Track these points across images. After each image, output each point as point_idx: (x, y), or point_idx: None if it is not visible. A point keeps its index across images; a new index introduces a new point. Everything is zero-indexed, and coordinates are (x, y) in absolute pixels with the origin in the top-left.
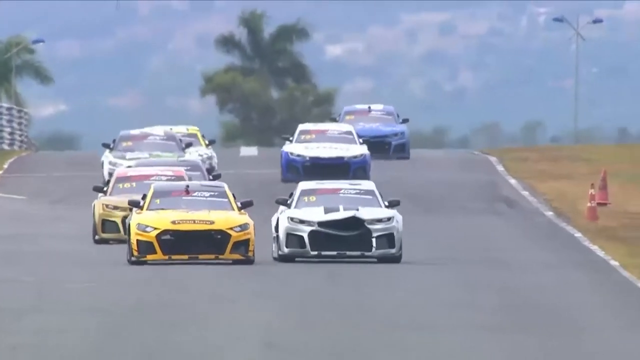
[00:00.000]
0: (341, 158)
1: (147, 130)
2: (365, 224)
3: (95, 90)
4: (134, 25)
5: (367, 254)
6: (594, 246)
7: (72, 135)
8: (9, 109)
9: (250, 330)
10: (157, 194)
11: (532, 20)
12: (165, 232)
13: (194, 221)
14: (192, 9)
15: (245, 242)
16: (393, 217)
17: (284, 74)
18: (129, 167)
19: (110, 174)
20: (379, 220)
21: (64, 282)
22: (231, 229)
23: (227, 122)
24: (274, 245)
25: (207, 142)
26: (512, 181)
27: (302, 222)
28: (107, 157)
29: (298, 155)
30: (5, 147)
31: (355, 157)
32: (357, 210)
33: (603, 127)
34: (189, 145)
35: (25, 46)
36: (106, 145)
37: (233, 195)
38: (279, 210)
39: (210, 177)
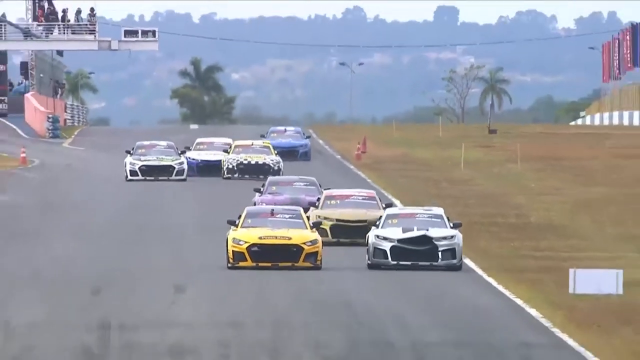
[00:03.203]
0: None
1: (154, 142)
2: (434, 240)
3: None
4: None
5: (434, 264)
6: (357, 171)
7: (106, 119)
8: (77, 105)
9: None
10: (250, 215)
11: None
12: (253, 245)
13: (276, 237)
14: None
15: (315, 254)
16: (455, 235)
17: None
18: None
19: (131, 172)
20: (444, 238)
21: None
22: (304, 243)
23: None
24: (366, 256)
25: (276, 152)
26: (321, 142)
27: (385, 239)
28: (128, 159)
29: (193, 159)
30: (76, 124)
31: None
32: (427, 230)
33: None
34: (183, 152)
35: (85, 74)
36: (128, 151)
37: (307, 216)
38: None
39: None
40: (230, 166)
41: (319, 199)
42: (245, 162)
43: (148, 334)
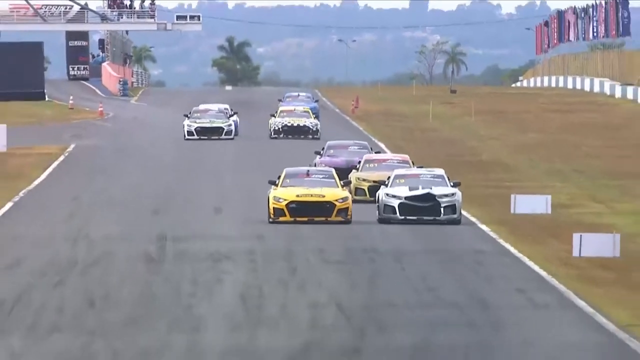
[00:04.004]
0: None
1: (208, 106)
2: (437, 198)
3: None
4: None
5: (437, 218)
6: (352, 122)
7: (162, 82)
8: (141, 72)
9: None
10: (288, 175)
11: None
12: (292, 202)
13: (312, 195)
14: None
15: (345, 209)
16: (455, 193)
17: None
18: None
19: (188, 132)
20: (446, 195)
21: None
22: (336, 200)
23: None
24: (377, 212)
25: (314, 115)
26: (324, 99)
27: (394, 196)
28: (186, 121)
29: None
30: (140, 86)
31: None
32: (431, 188)
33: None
34: (232, 115)
35: (147, 48)
36: (185, 115)
37: (338, 175)
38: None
39: None
40: (277, 128)
41: (359, 162)
42: (289, 124)
43: (194, 244)
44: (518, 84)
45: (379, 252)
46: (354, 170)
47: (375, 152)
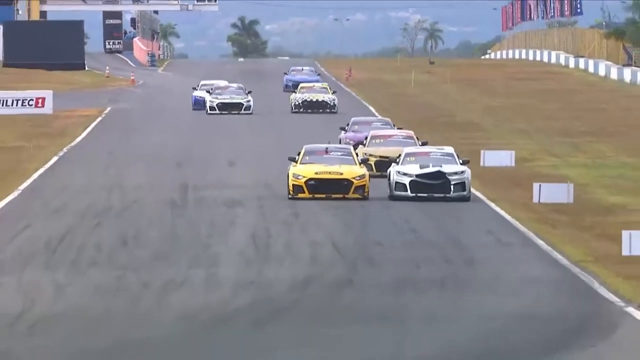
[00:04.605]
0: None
1: (229, 84)
2: (447, 175)
3: (192, 40)
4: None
5: (447, 195)
6: (346, 88)
7: (185, 54)
8: (166, 46)
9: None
10: (307, 152)
11: None
12: (310, 179)
13: (330, 172)
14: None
15: (363, 186)
16: (465, 171)
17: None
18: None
19: (210, 107)
20: (456, 173)
21: None
22: (354, 178)
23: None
24: (388, 189)
25: (332, 90)
26: (322, 69)
27: (405, 174)
28: (207, 96)
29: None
30: (165, 58)
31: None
32: (441, 166)
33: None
34: (249, 92)
35: (171, 25)
36: (208, 91)
37: (356, 153)
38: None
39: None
40: (297, 103)
41: (366, 138)
42: (309, 99)
43: (211, 192)
44: (487, 56)
45: (370, 200)
46: (360, 146)
47: (398, 128)
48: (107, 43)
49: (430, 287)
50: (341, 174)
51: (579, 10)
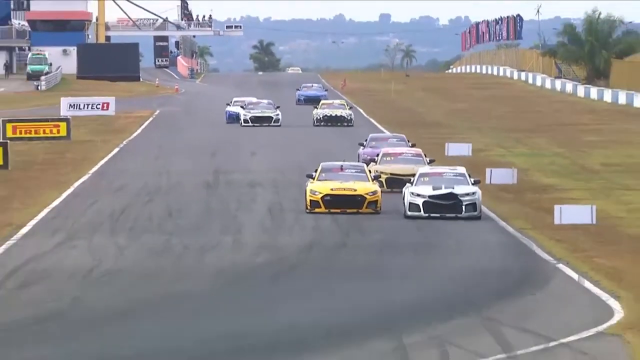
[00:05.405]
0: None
1: (259, 100)
2: (458, 197)
3: (222, 57)
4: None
5: (459, 215)
6: (342, 95)
7: (217, 69)
8: (202, 62)
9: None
10: (324, 170)
11: None
12: (326, 195)
13: (344, 189)
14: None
15: (375, 202)
16: (476, 192)
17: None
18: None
19: (244, 120)
20: (467, 194)
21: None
22: (367, 194)
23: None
24: (403, 209)
25: (349, 107)
26: (323, 80)
27: (418, 195)
28: (241, 111)
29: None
30: (202, 72)
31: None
32: (453, 188)
33: (343, 69)
34: (277, 107)
35: (206, 47)
36: (241, 106)
37: (369, 170)
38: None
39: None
40: (319, 117)
41: (377, 155)
42: (328, 115)
43: (238, 176)
44: (450, 70)
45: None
46: (372, 163)
47: (412, 145)
48: (157, 60)
49: (407, 250)
50: (355, 190)
51: (520, 35)
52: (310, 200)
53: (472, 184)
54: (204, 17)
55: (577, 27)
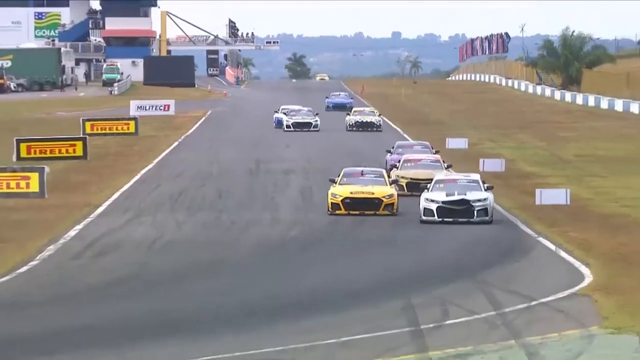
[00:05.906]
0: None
1: (300, 107)
2: (470, 202)
3: (263, 67)
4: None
5: (471, 220)
6: (361, 99)
7: (258, 77)
8: (246, 71)
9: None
10: (345, 175)
11: None
12: (346, 198)
13: (363, 192)
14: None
15: (392, 204)
16: (488, 197)
17: (301, 64)
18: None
19: (287, 126)
20: (479, 200)
21: None
22: (384, 197)
23: (290, 74)
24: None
25: (378, 113)
26: (346, 86)
27: (432, 201)
28: (284, 117)
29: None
30: (246, 79)
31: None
32: (466, 194)
33: (362, 76)
34: (317, 114)
35: (249, 58)
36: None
37: (388, 175)
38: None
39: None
40: (351, 123)
41: (399, 161)
42: (360, 121)
43: (274, 164)
44: (450, 78)
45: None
46: (394, 169)
47: (436, 152)
48: (209, 70)
49: (415, 223)
50: (373, 193)
51: (507, 49)
52: (331, 202)
53: (485, 190)
54: (247, 34)
55: (555, 42)
